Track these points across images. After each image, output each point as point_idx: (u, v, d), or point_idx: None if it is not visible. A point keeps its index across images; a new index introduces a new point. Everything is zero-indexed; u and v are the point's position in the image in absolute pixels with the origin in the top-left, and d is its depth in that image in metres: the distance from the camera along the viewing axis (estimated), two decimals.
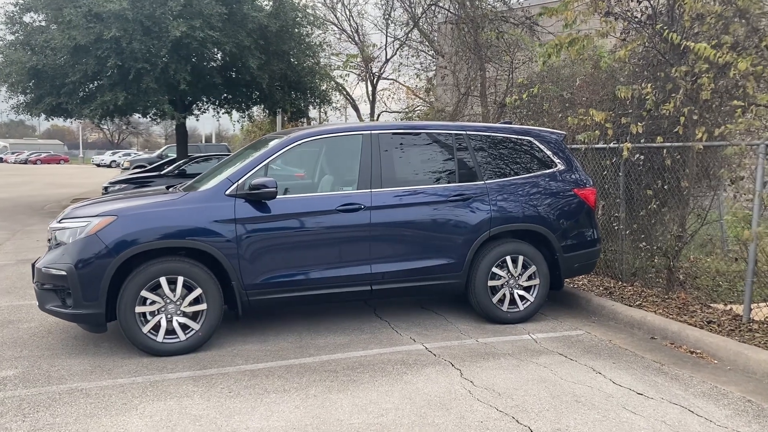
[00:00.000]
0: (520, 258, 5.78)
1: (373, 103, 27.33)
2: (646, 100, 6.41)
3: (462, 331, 5.61)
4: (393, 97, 29.76)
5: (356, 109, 27.32)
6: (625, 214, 7.32)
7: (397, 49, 26.75)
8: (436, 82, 13.30)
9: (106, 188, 15.65)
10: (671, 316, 5.76)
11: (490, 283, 5.72)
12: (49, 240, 5.24)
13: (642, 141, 6.91)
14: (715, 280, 6.82)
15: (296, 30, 17.15)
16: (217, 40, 14.28)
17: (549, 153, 6.04)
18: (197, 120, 20.77)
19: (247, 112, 21.18)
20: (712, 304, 6.32)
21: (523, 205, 5.79)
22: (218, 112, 20.97)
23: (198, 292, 4.95)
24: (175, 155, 28.36)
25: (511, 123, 6.88)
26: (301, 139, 5.39)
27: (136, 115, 18.39)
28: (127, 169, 31.86)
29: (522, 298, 5.83)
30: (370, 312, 6.19)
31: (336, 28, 25.88)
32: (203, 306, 4.98)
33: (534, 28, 12.46)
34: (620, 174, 7.28)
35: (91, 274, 4.75)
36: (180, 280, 4.90)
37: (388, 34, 27.07)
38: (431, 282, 5.58)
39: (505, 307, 5.78)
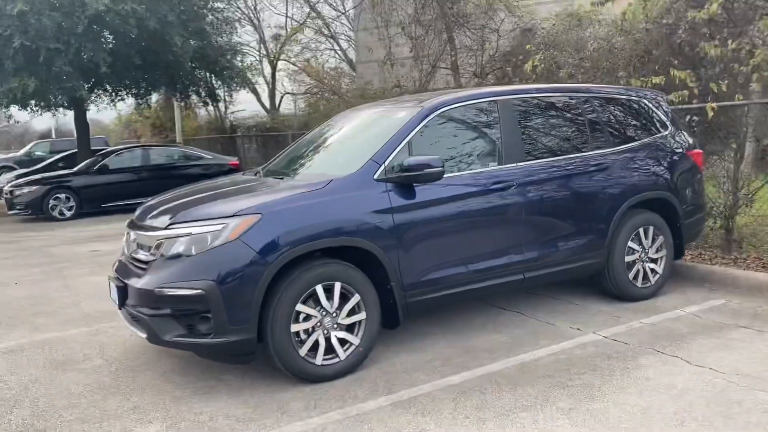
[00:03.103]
0: (651, 229, 5.37)
1: (273, 84, 26.03)
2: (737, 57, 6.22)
3: (609, 313, 5.10)
4: (293, 78, 28.65)
5: (255, 92, 25.88)
6: None
7: (298, 28, 25.60)
8: (391, 58, 12.56)
9: (11, 192, 13.45)
10: None
11: (627, 258, 5.26)
12: (139, 250, 4.08)
13: (694, 102, 6.77)
14: None
15: (214, 3, 15.67)
16: (140, 15, 12.61)
17: (660, 114, 5.66)
18: (88, 110, 18.37)
19: (145, 99, 19.24)
20: None
21: (652, 171, 5.37)
22: (113, 100, 18.82)
23: (356, 299, 4.04)
24: (43, 153, 25.37)
25: None
26: (441, 108, 4.57)
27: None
28: None
29: (653, 271, 5.43)
30: (482, 303, 5.51)
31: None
32: (362, 315, 4.07)
33: None
34: None
35: (239, 290, 3.70)
36: (337, 286, 3.97)
37: (287, 15, 25.86)
38: (577, 264, 5.02)
39: (639, 283, 5.35)
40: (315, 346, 3.94)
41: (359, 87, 15.35)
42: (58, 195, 13.32)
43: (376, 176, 4.17)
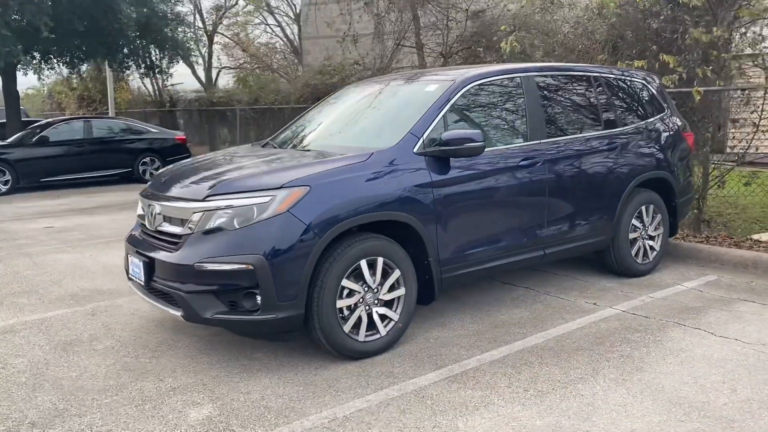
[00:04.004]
0: (651, 207, 5.55)
1: (210, 57, 25.18)
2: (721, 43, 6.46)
3: (616, 288, 5.24)
4: (227, 52, 27.87)
5: (191, 66, 24.99)
6: None
7: (257, 2, 24.84)
8: (354, 34, 12.34)
9: None
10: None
11: (630, 235, 5.42)
12: (166, 223, 3.87)
13: (670, 86, 7.02)
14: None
15: None
16: None
17: (658, 96, 5.83)
18: (26, 75, 17.23)
19: (77, 68, 18.27)
20: (754, 237, 6.68)
21: (655, 151, 5.54)
22: (40, 68, 17.70)
23: (396, 274, 3.97)
24: None
25: None
26: (472, 82, 4.52)
27: None
28: None
29: (651, 248, 5.62)
30: (490, 278, 5.54)
31: None
32: (401, 291, 4.01)
33: None
34: None
35: (289, 265, 3.56)
36: (380, 261, 3.88)
37: None
38: (590, 240, 5.14)
39: (639, 259, 5.53)
40: (357, 323, 3.85)
41: (320, 64, 15.01)
42: None
43: (415, 150, 4.10)
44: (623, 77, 5.62)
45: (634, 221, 5.42)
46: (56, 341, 4.36)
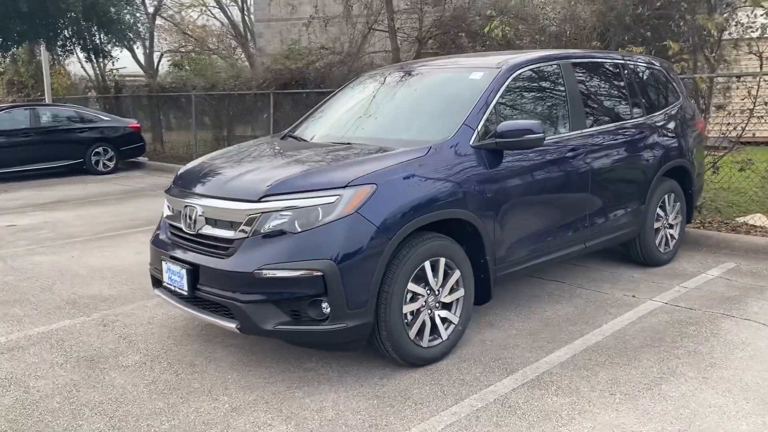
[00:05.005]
0: (672, 196, 5.52)
1: (151, 41, 24.07)
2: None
3: (644, 279, 5.19)
4: (163, 38, 26.78)
5: (131, 49, 23.79)
6: None
7: None
8: (325, 17, 11.94)
9: None
10: None
11: (655, 225, 5.38)
12: (209, 225, 3.52)
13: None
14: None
15: None
16: None
17: (674, 83, 5.80)
18: None
19: (11, 51, 17.10)
20: (749, 221, 6.81)
21: (676, 139, 5.50)
22: None
23: (457, 275, 3.76)
24: None
25: None
26: (517, 69, 4.30)
27: None
28: None
29: (671, 237, 5.61)
30: None
31: None
32: (461, 292, 3.80)
33: None
34: None
35: (360, 270, 3.28)
36: (442, 262, 3.66)
37: None
38: (621, 231, 5.06)
39: (662, 248, 5.50)
40: (420, 328, 3.62)
41: (284, 48, 14.47)
42: None
43: (471, 142, 3.87)
44: (647, 65, 5.55)
45: (659, 211, 5.38)
46: (75, 358, 3.94)
